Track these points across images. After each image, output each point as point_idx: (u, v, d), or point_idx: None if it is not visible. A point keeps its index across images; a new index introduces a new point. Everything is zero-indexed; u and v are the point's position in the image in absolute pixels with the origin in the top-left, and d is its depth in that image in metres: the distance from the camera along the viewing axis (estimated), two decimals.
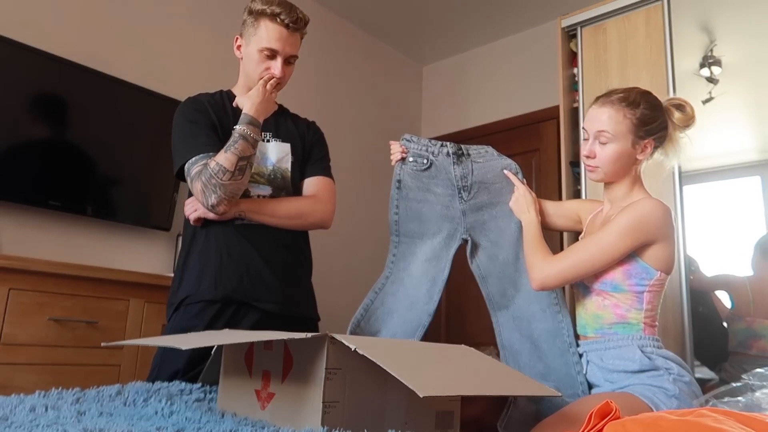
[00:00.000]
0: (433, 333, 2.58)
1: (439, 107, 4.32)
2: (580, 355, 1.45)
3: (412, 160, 1.61)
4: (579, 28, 2.76)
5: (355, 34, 3.96)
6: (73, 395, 1.10)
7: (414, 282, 1.58)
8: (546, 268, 1.40)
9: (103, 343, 1.20)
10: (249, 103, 1.53)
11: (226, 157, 1.43)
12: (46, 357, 2.04)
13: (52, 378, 2.00)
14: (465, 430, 1.08)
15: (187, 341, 1.07)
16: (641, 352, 1.32)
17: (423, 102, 4.42)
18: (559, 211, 1.63)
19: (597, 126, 1.41)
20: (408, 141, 1.62)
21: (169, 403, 1.07)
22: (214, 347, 1.21)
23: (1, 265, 1.96)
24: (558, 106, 2.79)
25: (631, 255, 1.35)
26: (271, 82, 1.58)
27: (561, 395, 1.15)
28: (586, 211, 1.60)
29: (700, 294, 2.64)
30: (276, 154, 1.63)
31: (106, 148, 2.53)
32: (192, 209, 1.56)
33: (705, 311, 2.68)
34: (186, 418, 0.96)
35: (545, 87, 3.56)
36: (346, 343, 0.85)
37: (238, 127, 1.48)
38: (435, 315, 1.55)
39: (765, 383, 1.07)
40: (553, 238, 2.33)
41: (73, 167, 2.44)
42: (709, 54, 2.92)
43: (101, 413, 0.98)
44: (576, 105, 2.74)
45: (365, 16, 3.83)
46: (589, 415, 0.82)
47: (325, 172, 1.70)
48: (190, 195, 1.57)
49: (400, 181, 1.61)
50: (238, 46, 1.64)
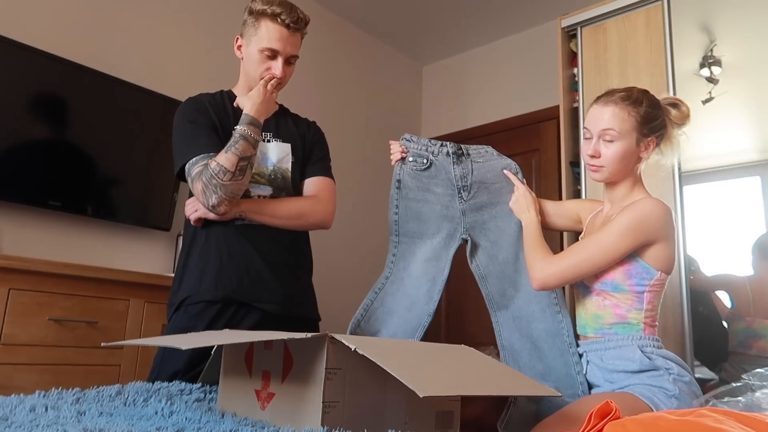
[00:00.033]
0: (433, 333, 2.58)
1: (439, 107, 4.32)
2: (580, 355, 1.45)
3: (411, 159, 1.61)
4: (579, 28, 2.76)
5: (355, 34, 3.96)
6: (73, 395, 1.10)
7: (414, 282, 1.58)
8: (546, 267, 1.40)
9: (103, 343, 1.20)
10: (250, 103, 1.53)
11: (226, 158, 1.43)
12: (46, 357, 2.04)
13: (52, 378, 2.00)
14: (465, 430, 1.08)
15: (187, 341, 1.06)
16: (641, 352, 1.32)
17: (423, 102, 4.42)
18: (559, 211, 1.63)
19: (602, 124, 1.41)
20: (408, 141, 1.62)
21: (169, 403, 1.07)
22: (214, 347, 1.21)
23: (1, 265, 1.96)
24: (558, 106, 2.79)
25: (631, 255, 1.35)
26: (272, 83, 1.58)
27: (561, 395, 1.15)
28: (586, 210, 1.60)
29: (700, 294, 2.64)
30: (276, 154, 1.63)
31: (106, 148, 2.54)
32: (192, 209, 1.56)
33: (705, 311, 2.68)
34: (186, 418, 0.96)
35: (545, 87, 3.56)
36: (346, 343, 0.85)
37: (238, 127, 1.48)
38: (435, 315, 1.55)
39: (765, 383, 1.07)
40: (553, 238, 2.33)
41: (73, 167, 2.44)
42: (709, 54, 2.92)
43: (101, 413, 0.98)
44: (576, 105, 2.74)
45: (365, 16, 3.83)
46: (589, 415, 0.82)
47: (326, 172, 1.70)
48: (191, 195, 1.57)
49: (399, 180, 1.61)
50: (239, 46, 1.64)
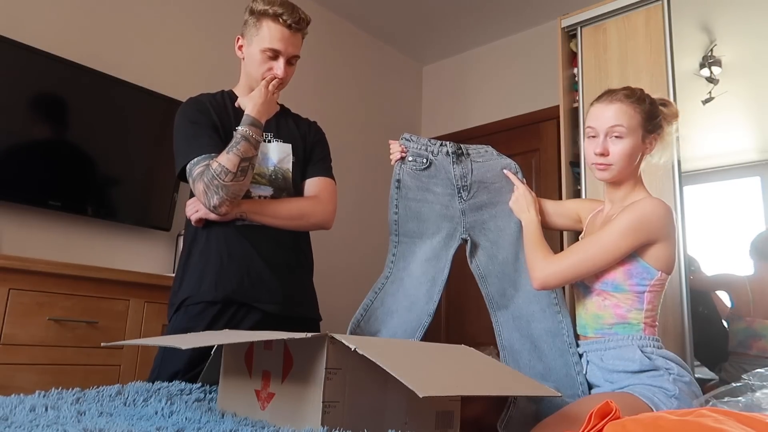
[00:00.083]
0: (433, 333, 2.58)
1: (439, 107, 4.32)
2: (580, 355, 1.45)
3: (411, 159, 1.61)
4: (579, 28, 2.76)
5: (355, 34, 3.96)
6: (73, 395, 1.10)
7: (414, 282, 1.58)
8: (547, 267, 1.40)
9: (103, 343, 1.20)
10: (251, 104, 1.53)
11: (228, 158, 1.43)
12: (46, 357, 2.04)
13: (52, 378, 2.00)
14: (465, 430, 1.08)
15: (187, 341, 1.06)
16: (641, 352, 1.32)
17: (423, 102, 4.42)
18: (559, 211, 1.63)
19: (609, 122, 1.40)
20: (407, 140, 1.62)
21: (169, 403, 1.07)
22: (214, 347, 1.21)
23: (1, 265, 1.96)
24: (558, 106, 2.79)
25: (632, 255, 1.35)
26: (274, 83, 1.58)
27: (561, 395, 1.15)
28: (586, 210, 1.60)
29: (700, 294, 2.64)
30: (277, 154, 1.63)
31: (106, 148, 2.54)
32: (193, 210, 1.55)
33: (705, 311, 2.68)
34: (186, 418, 0.96)
35: (545, 87, 3.56)
36: (346, 343, 0.85)
37: (240, 128, 1.48)
38: (435, 315, 1.55)
39: (765, 383, 1.07)
40: (553, 237, 2.32)
41: (73, 167, 2.44)
42: (709, 54, 2.92)
43: (101, 413, 0.98)
44: (576, 105, 2.74)
45: (365, 16, 3.83)
46: (589, 415, 0.82)
47: (327, 172, 1.70)
48: (191, 195, 1.57)
49: (399, 180, 1.61)
50: (240, 46, 1.64)
